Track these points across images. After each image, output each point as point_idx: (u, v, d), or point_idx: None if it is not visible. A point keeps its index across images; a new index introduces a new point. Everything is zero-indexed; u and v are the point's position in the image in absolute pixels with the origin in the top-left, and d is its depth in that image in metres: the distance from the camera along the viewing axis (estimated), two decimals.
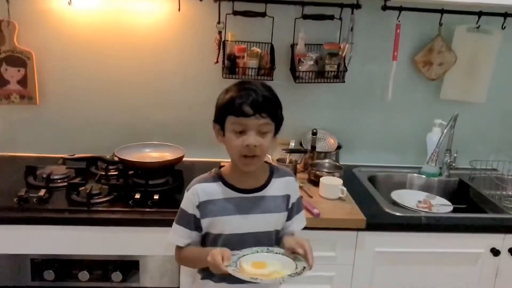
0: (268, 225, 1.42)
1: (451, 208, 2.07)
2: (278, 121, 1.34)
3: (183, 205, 1.41)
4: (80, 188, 1.85)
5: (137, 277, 1.77)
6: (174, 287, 1.79)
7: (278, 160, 2.15)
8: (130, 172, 1.99)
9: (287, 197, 1.45)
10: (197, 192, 1.37)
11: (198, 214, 1.38)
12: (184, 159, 2.05)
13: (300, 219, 1.50)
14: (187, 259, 1.46)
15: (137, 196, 1.82)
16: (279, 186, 1.43)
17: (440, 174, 2.32)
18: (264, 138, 1.31)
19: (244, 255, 1.32)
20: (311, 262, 1.30)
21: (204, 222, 1.39)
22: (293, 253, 1.35)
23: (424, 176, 2.32)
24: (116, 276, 1.74)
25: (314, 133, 2.22)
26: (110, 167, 2.05)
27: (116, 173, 2.03)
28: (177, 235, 1.43)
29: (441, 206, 2.08)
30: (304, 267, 1.29)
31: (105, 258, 1.75)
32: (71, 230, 1.72)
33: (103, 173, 2.02)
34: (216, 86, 2.20)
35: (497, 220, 1.92)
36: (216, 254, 1.27)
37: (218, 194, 1.38)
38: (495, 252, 1.86)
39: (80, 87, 2.20)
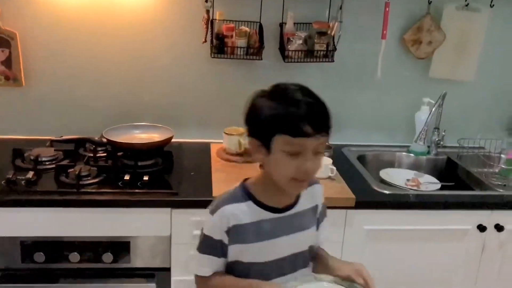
0: (304, 244, 1.27)
1: (439, 185, 2.10)
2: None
3: (208, 231, 1.20)
4: (69, 170, 1.83)
5: (128, 258, 1.77)
6: (165, 267, 1.80)
7: None
8: (119, 154, 1.98)
9: (316, 207, 1.31)
10: (226, 216, 1.17)
11: (226, 240, 1.19)
12: (173, 140, 2.04)
13: (325, 226, 1.35)
14: None
15: (127, 177, 1.81)
16: (308, 197, 1.27)
17: (428, 153, 2.34)
18: (319, 158, 1.14)
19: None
20: None
21: (233, 249, 1.20)
22: (343, 278, 1.21)
23: (412, 154, 2.33)
24: (107, 257, 1.75)
25: None
26: (99, 148, 2.03)
27: (105, 154, 2.02)
28: (203, 265, 1.22)
29: (429, 184, 2.11)
30: None
31: (95, 240, 1.75)
32: (60, 212, 1.72)
33: (92, 154, 2.00)
34: (205, 66, 2.23)
35: (484, 197, 1.95)
36: None
37: (249, 217, 1.18)
38: (482, 228, 1.89)
39: (66, 68, 2.17)
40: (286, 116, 1.08)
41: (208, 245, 1.20)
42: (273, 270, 1.22)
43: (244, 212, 1.18)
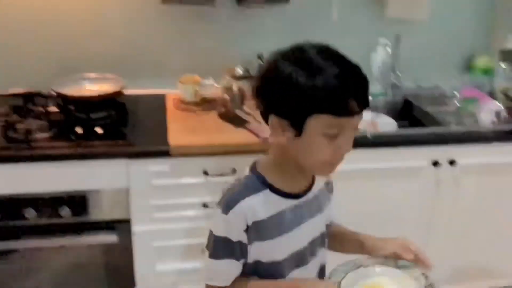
0: (323, 225, 1.14)
1: (395, 125, 2.13)
2: None
3: (222, 232, 1.02)
4: (18, 126, 1.77)
5: (86, 212, 1.75)
6: (125, 219, 1.79)
7: (226, 89, 2.11)
8: (71, 107, 1.92)
9: (329, 182, 1.18)
10: (243, 213, 1.00)
11: (245, 240, 1.02)
12: (127, 92, 1.98)
13: (333, 200, 1.21)
14: None
15: (79, 130, 1.77)
16: None
17: (385, 94, 2.35)
18: (353, 136, 0.97)
19: (341, 280, 1.05)
20: (429, 264, 1.06)
21: (253, 248, 1.04)
22: (385, 257, 1.09)
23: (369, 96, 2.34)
24: (65, 211, 1.73)
25: (261, 57, 2.18)
26: (49, 102, 1.95)
27: (56, 108, 1.95)
28: (221, 273, 1.05)
29: (386, 124, 2.13)
30: (424, 274, 1.05)
31: (51, 195, 1.72)
32: (12, 169, 1.67)
33: (42, 109, 1.93)
34: (155, 13, 2.14)
35: (438, 134, 1.99)
36: None
37: (268, 209, 1.02)
38: (436, 163, 1.94)
39: (10, 17, 2.04)
40: (330, 92, 0.89)
41: (224, 248, 1.02)
42: (299, 261, 1.09)
43: (262, 205, 1.01)
